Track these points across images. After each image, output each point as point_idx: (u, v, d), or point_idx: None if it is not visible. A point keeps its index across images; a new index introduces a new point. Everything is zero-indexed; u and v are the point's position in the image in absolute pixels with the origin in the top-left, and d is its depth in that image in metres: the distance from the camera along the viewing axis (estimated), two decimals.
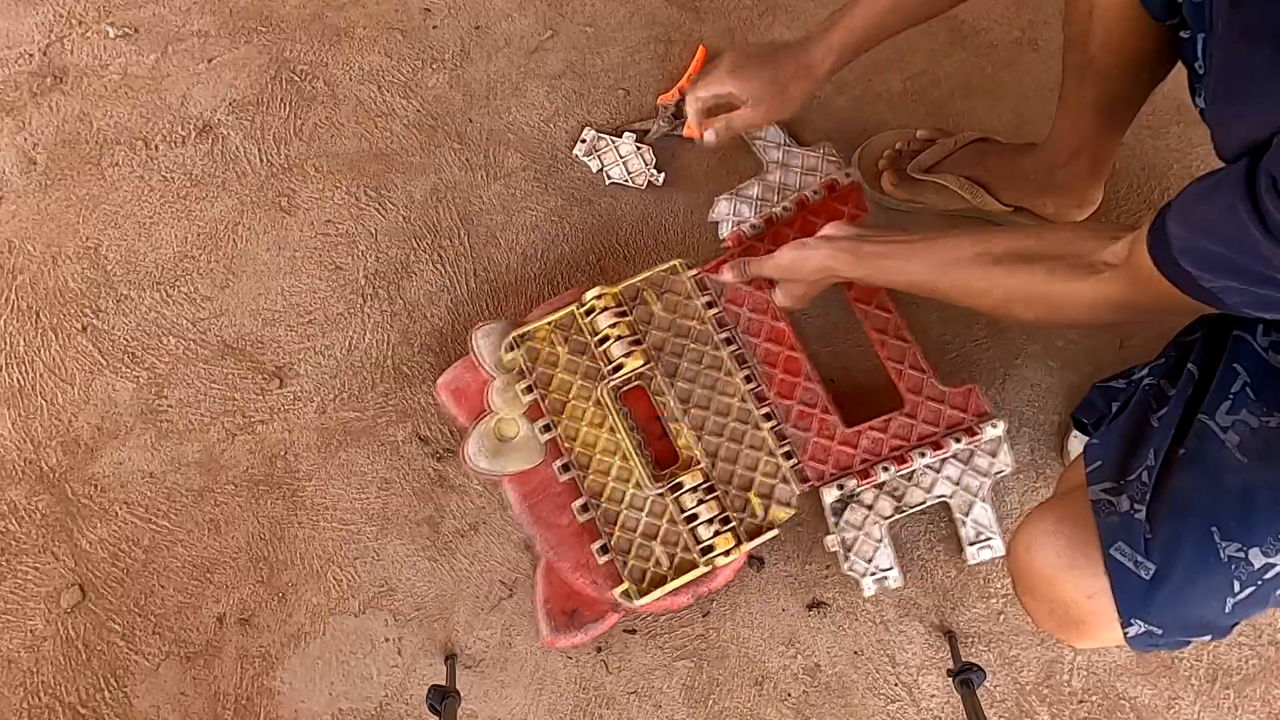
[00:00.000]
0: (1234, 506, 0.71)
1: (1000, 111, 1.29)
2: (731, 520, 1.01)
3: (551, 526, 1.03)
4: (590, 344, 1.07)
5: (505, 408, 1.05)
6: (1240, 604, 0.70)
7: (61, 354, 1.17)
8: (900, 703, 1.05)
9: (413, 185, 1.26)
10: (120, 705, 1.04)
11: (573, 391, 1.06)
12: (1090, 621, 0.73)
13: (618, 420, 1.04)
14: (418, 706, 1.04)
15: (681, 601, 1.02)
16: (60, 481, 1.12)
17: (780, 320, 1.09)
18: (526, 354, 1.07)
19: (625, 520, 1.02)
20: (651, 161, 1.25)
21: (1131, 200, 1.25)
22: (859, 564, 1.03)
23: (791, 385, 1.08)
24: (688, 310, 1.10)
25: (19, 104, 1.30)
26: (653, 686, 1.05)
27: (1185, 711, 1.05)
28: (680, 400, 1.06)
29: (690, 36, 1.34)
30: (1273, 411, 0.75)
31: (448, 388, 1.09)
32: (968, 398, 1.06)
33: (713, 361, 1.07)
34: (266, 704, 1.04)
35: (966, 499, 1.05)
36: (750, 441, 1.05)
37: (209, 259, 1.22)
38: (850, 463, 1.05)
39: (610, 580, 1.00)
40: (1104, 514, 0.73)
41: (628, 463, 1.03)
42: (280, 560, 1.09)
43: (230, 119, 1.29)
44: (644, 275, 1.10)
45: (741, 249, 1.12)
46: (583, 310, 1.08)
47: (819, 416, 1.06)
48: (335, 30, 1.34)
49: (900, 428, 1.06)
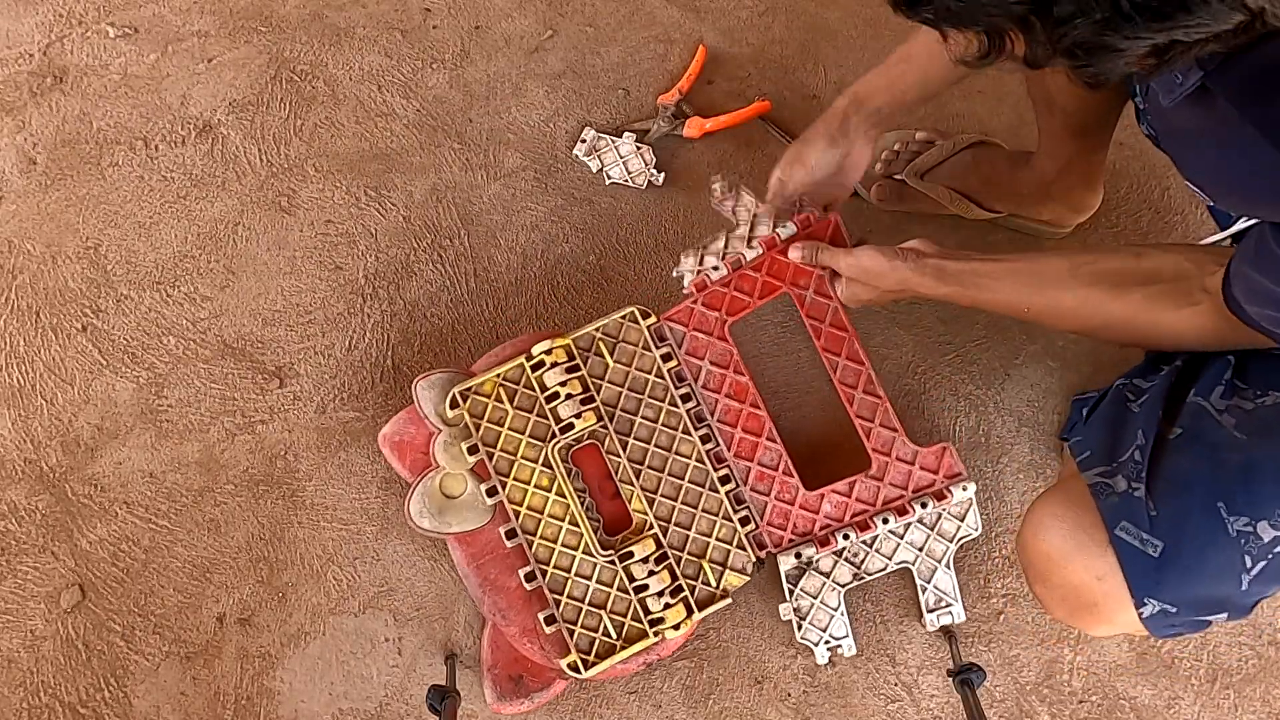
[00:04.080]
0: (1238, 481, 0.70)
1: (1000, 111, 1.29)
2: (684, 589, 0.98)
3: (500, 590, 0.98)
4: (539, 400, 1.01)
5: (449, 462, 1.00)
6: (1256, 580, 0.70)
7: (61, 354, 1.17)
8: (900, 703, 1.05)
9: (413, 185, 1.26)
10: (120, 705, 1.04)
11: (520, 450, 1.00)
12: (1103, 604, 0.73)
13: (566, 484, 0.98)
14: (418, 706, 1.04)
15: (632, 668, 0.99)
16: (60, 481, 1.12)
17: (743, 374, 1.03)
18: (471, 409, 1.00)
19: (572, 588, 0.97)
20: (651, 161, 1.25)
21: (1131, 200, 1.24)
22: (813, 633, 1.01)
23: (752, 445, 1.02)
24: (643, 363, 1.03)
25: (19, 104, 1.30)
26: (653, 686, 1.05)
27: (1185, 711, 1.05)
28: (634, 461, 1.00)
29: (690, 36, 1.34)
30: (1266, 391, 0.75)
31: (389, 440, 1.04)
32: (940, 458, 1.01)
33: (669, 419, 1.01)
34: (266, 704, 1.04)
35: (930, 565, 1.01)
36: (706, 505, 1.00)
37: (209, 259, 1.22)
38: (810, 528, 1.00)
39: (557, 649, 0.97)
40: (1103, 496, 0.73)
41: (577, 527, 0.98)
42: (280, 560, 1.09)
43: (230, 119, 1.29)
44: (598, 324, 1.03)
45: (705, 295, 1.04)
46: (530, 365, 1.02)
47: (779, 479, 1.01)
48: (335, 30, 1.34)
49: (865, 490, 1.01)
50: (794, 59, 1.35)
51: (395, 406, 1.14)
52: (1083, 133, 1.03)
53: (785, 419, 1.12)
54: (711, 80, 1.31)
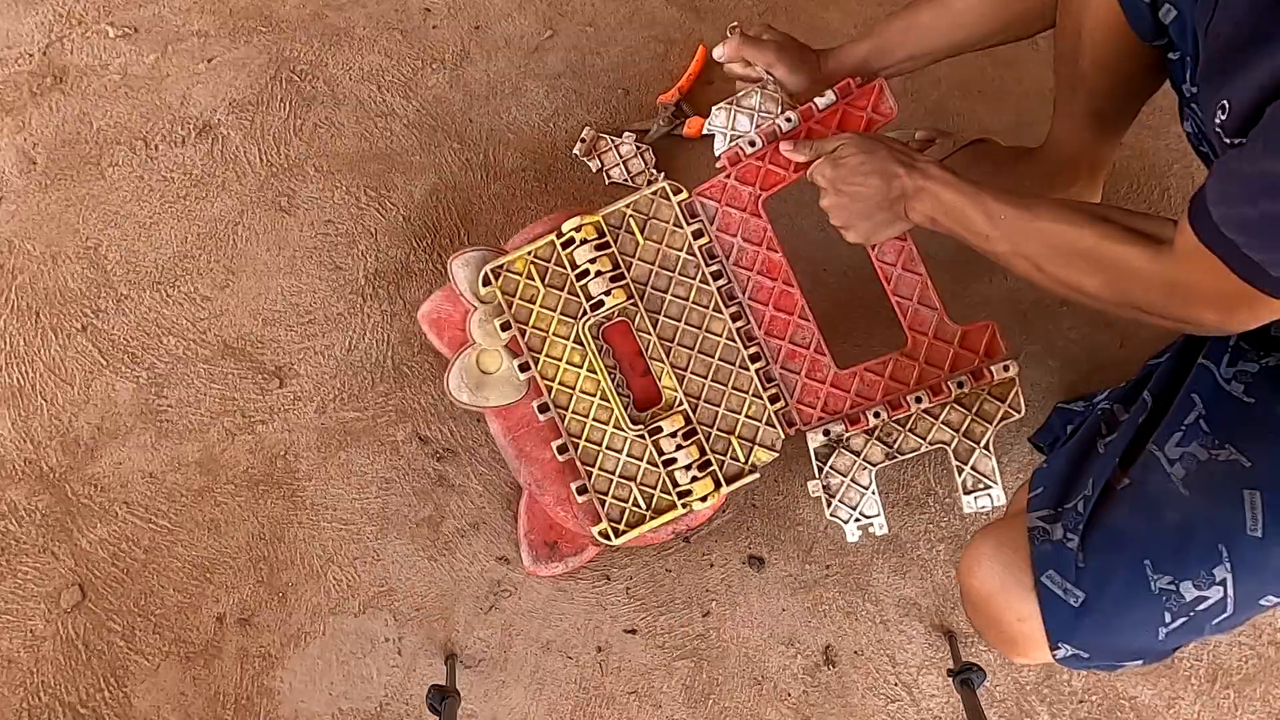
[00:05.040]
0: (1170, 541, 0.73)
1: (1000, 111, 1.29)
2: (712, 463, 0.99)
3: (535, 461, 1.02)
4: (570, 277, 1.01)
5: (484, 339, 1.02)
6: (1174, 633, 0.73)
7: (61, 354, 1.17)
8: (900, 703, 1.05)
9: (413, 185, 1.26)
10: (120, 705, 1.04)
11: (552, 327, 1.01)
12: (1022, 642, 0.77)
13: (596, 360, 1.00)
14: (418, 706, 1.04)
15: (662, 537, 1.03)
16: (60, 481, 1.12)
17: (776, 251, 1.01)
18: (504, 286, 1.02)
19: (604, 461, 1.00)
20: (652, 161, 1.25)
21: (1131, 200, 1.24)
22: (843, 510, 0.99)
23: (784, 323, 1.00)
24: (674, 240, 1.01)
25: (19, 104, 1.30)
26: (653, 686, 1.05)
27: (1185, 711, 1.05)
28: (664, 338, 1.01)
29: (690, 36, 1.34)
30: (1224, 444, 0.76)
31: (428, 318, 1.07)
32: (980, 336, 0.97)
33: (700, 297, 1.01)
34: (266, 704, 1.04)
35: (968, 446, 0.97)
36: (735, 383, 1.00)
37: (209, 259, 1.22)
38: (841, 406, 0.99)
39: (590, 517, 1.00)
40: (1038, 541, 0.76)
41: (607, 403, 1.00)
42: (280, 560, 1.09)
43: (230, 119, 1.29)
44: (629, 199, 1.01)
45: (739, 169, 1.01)
46: (561, 241, 1.01)
47: (811, 356, 1.00)
48: (335, 30, 1.34)
49: (899, 369, 0.98)
50: None
51: (395, 406, 1.15)
52: (1102, 120, 1.02)
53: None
54: (711, 80, 1.31)
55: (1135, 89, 0.96)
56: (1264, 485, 0.73)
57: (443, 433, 1.14)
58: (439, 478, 1.12)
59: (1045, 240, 0.81)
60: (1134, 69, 0.91)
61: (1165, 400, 0.82)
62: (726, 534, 1.11)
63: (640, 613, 1.08)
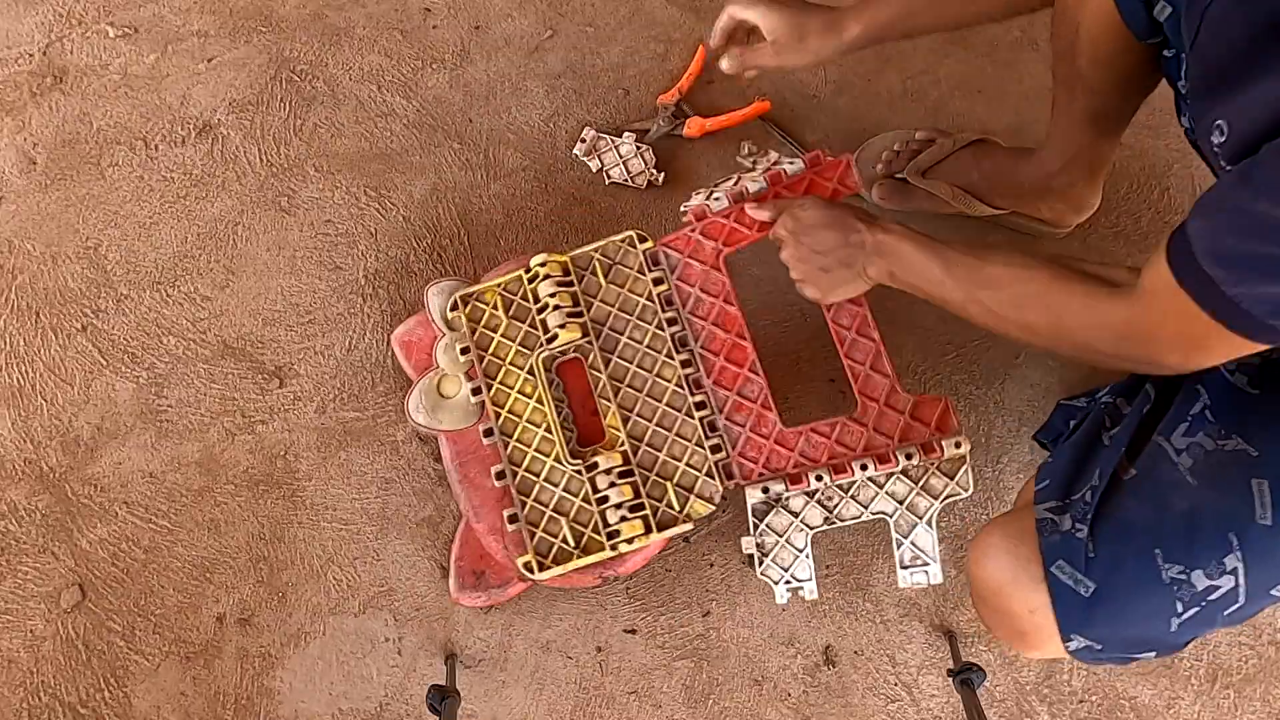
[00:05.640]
0: (1179, 530, 0.73)
1: (1000, 111, 1.29)
2: (646, 507, 0.98)
3: (477, 488, 1.02)
4: (532, 311, 1.05)
5: (447, 364, 1.06)
6: (1186, 623, 0.72)
7: (61, 354, 1.17)
8: (900, 703, 1.05)
9: (413, 185, 1.26)
10: (120, 705, 1.04)
11: (509, 357, 1.04)
12: (1033, 634, 0.76)
13: (545, 392, 1.02)
14: (418, 706, 1.04)
15: (588, 580, 1.02)
16: (60, 481, 1.12)
17: (733, 305, 1.02)
18: (470, 314, 1.06)
19: (539, 493, 1.00)
20: (652, 161, 1.25)
21: (1131, 200, 1.24)
22: (774, 570, 0.98)
23: (734, 375, 1.01)
24: (636, 286, 1.05)
25: (19, 104, 1.30)
26: (653, 686, 1.05)
27: (1185, 711, 1.05)
28: (614, 379, 1.03)
29: (690, 36, 1.34)
30: (1230, 434, 0.76)
31: (400, 339, 1.11)
32: (934, 408, 0.97)
33: (654, 342, 1.03)
34: (266, 704, 1.04)
35: (910, 520, 0.97)
36: (680, 430, 1.00)
37: (209, 259, 1.22)
38: (783, 465, 0.98)
39: (518, 548, 0.99)
40: (1047, 533, 0.76)
41: (551, 435, 1.01)
42: (280, 560, 1.09)
43: (230, 119, 1.29)
44: (597, 244, 1.06)
45: (704, 224, 1.05)
46: (528, 276, 1.06)
47: (757, 411, 1.00)
48: (335, 30, 1.34)
49: (846, 433, 0.98)
50: None
51: (395, 406, 1.15)
52: (1100, 119, 1.02)
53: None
54: (711, 80, 1.31)
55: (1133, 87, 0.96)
56: (1272, 474, 0.73)
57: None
58: (439, 478, 1.12)
59: (998, 284, 0.83)
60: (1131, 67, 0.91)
61: (1168, 393, 0.82)
62: (726, 534, 1.11)
63: (640, 613, 1.08)
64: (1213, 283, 0.64)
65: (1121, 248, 1.23)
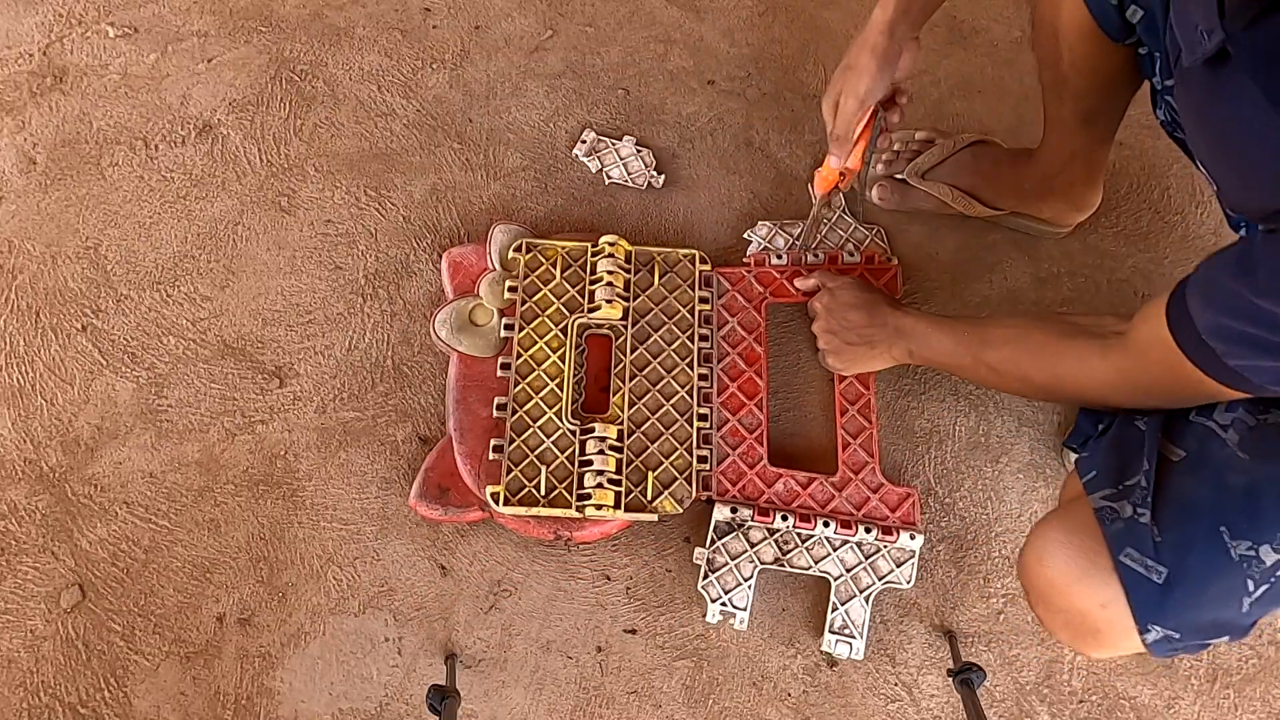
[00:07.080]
0: (1241, 505, 0.70)
1: (1000, 111, 1.29)
2: (622, 483, 1.05)
3: (469, 412, 1.09)
4: (585, 279, 1.14)
5: (487, 295, 1.14)
6: (1257, 603, 0.70)
7: (61, 354, 1.17)
8: (900, 703, 1.05)
9: (413, 185, 1.26)
10: (120, 705, 1.04)
11: (549, 310, 1.13)
12: (1106, 630, 0.73)
13: (570, 352, 1.10)
14: (418, 706, 1.04)
15: (541, 533, 1.06)
16: (60, 481, 1.12)
17: (760, 345, 1.13)
18: (529, 261, 1.15)
19: (530, 437, 1.07)
20: (652, 163, 1.25)
21: (1131, 200, 1.25)
22: (714, 588, 1.04)
23: (740, 403, 1.11)
24: (682, 296, 1.15)
25: (19, 104, 1.30)
26: (653, 686, 1.05)
27: (1185, 711, 1.05)
28: (635, 365, 1.11)
29: (690, 36, 1.34)
30: (1269, 409, 0.75)
31: (451, 258, 1.17)
32: (902, 501, 1.07)
33: (681, 348, 1.12)
34: (266, 704, 1.04)
35: (850, 590, 1.04)
36: (676, 431, 1.08)
37: (209, 259, 1.22)
38: (756, 497, 1.07)
39: (491, 479, 1.05)
40: (1108, 521, 0.73)
41: (560, 390, 1.09)
42: (280, 560, 1.09)
43: (230, 119, 1.29)
44: (662, 250, 1.17)
45: (759, 270, 1.17)
46: (593, 249, 1.16)
47: (750, 442, 1.09)
48: (335, 30, 1.34)
49: (821, 491, 1.07)
50: (794, 59, 1.35)
51: (395, 406, 1.15)
52: (1091, 121, 1.03)
53: (779, 405, 1.15)
54: (711, 80, 1.31)
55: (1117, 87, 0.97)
56: None
57: (442, 433, 1.14)
58: None
59: (999, 343, 0.90)
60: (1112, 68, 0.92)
61: None
62: None
63: (640, 613, 1.08)
64: (1215, 354, 0.66)
65: (1121, 247, 1.23)
